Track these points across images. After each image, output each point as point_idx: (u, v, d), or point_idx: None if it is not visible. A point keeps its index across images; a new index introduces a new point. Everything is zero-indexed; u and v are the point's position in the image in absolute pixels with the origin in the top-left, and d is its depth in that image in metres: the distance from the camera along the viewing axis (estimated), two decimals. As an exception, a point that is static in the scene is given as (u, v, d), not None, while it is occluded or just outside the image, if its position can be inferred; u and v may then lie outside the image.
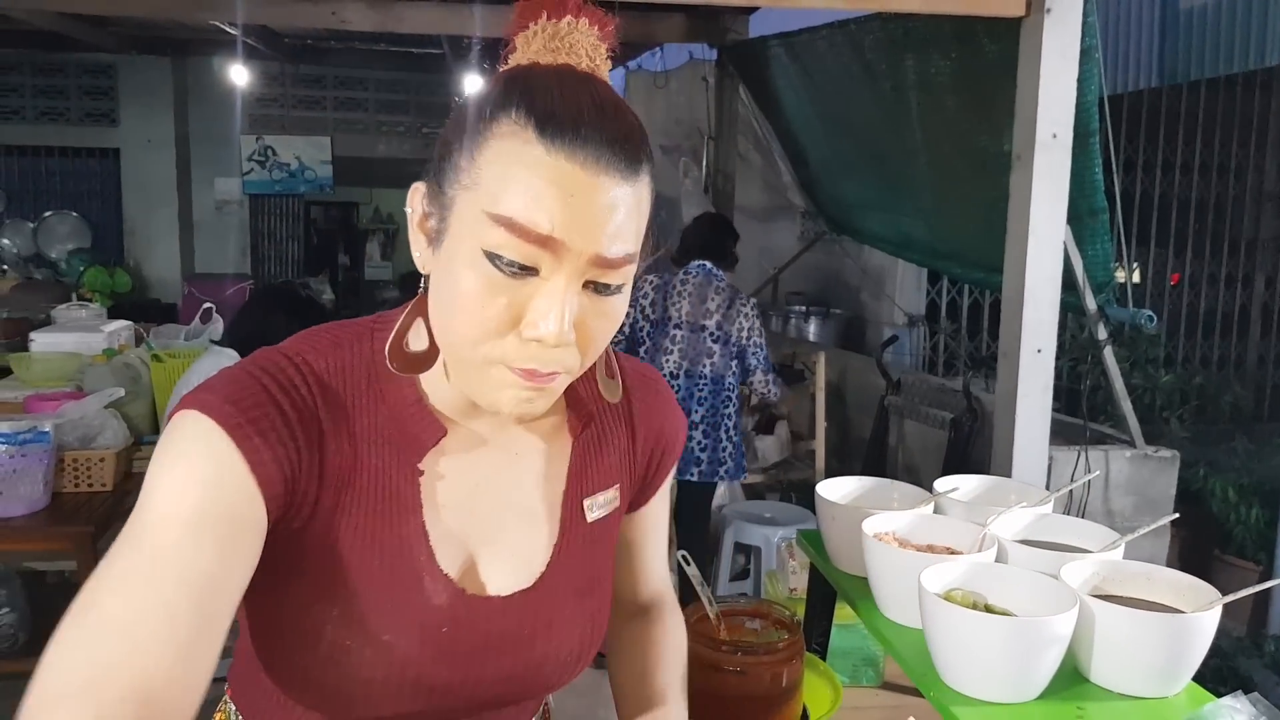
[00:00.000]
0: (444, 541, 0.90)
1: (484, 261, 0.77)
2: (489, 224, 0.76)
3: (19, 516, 2.82)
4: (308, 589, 0.86)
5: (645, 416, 1.05)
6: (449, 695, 0.90)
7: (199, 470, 0.77)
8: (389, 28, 5.14)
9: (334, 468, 0.85)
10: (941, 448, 3.88)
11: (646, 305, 3.77)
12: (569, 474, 0.99)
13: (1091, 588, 1.34)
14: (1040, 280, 2.89)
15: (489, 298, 0.78)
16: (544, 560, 0.96)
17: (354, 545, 0.86)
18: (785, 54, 4.85)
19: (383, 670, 0.86)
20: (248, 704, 0.98)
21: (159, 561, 0.72)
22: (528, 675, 0.94)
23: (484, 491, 0.93)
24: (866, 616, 1.50)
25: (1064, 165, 2.85)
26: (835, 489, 1.68)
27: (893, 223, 4.87)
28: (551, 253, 0.77)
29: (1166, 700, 1.24)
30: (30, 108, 8.66)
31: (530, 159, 0.76)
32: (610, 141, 0.77)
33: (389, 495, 0.88)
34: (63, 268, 8.26)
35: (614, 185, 0.77)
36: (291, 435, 0.82)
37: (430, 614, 0.88)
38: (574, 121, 0.77)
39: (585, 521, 0.99)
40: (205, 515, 0.75)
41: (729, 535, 4.12)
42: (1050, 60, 2.81)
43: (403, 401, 0.89)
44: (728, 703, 1.48)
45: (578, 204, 0.76)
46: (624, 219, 0.78)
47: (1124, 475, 3.28)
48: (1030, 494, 1.66)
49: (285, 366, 0.85)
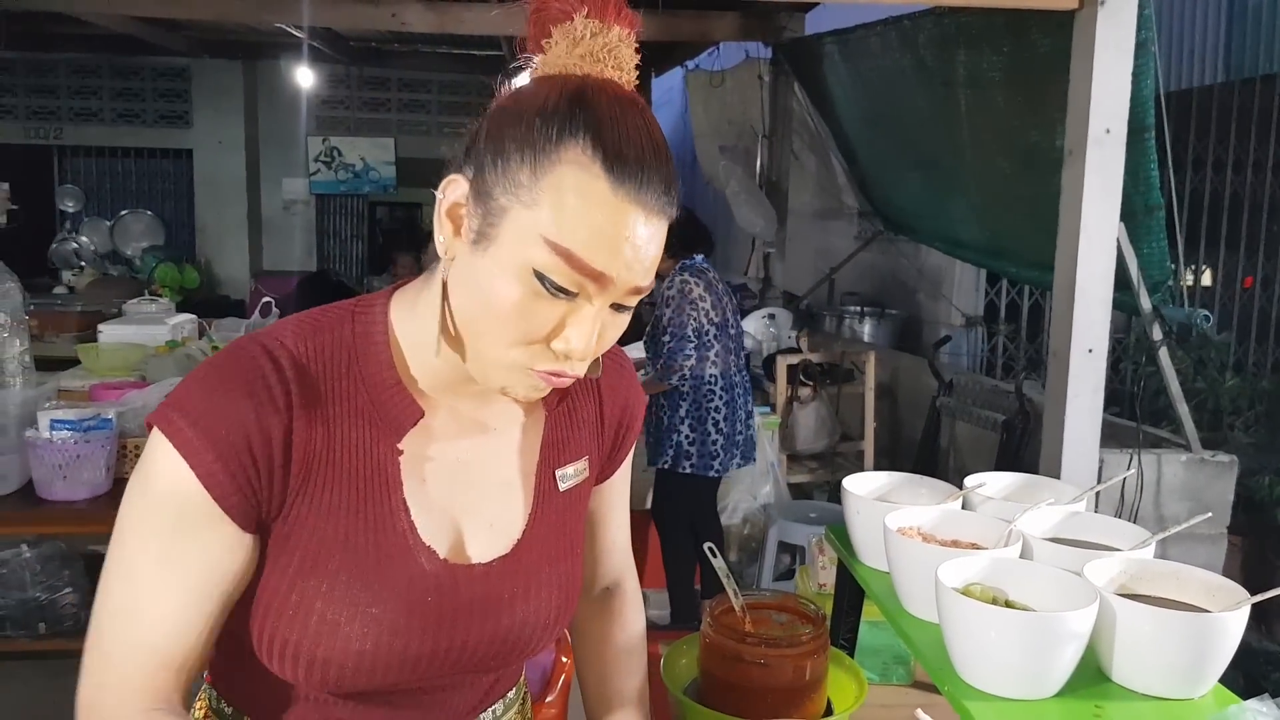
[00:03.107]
0: (426, 514, 0.94)
1: (531, 278, 0.81)
2: (545, 248, 0.80)
3: (82, 500, 2.92)
4: (295, 567, 0.89)
5: (612, 392, 1.10)
6: (436, 662, 0.94)
7: (168, 504, 0.85)
8: (448, 29, 5.21)
9: (305, 455, 0.88)
10: (993, 450, 3.82)
11: (707, 308, 3.79)
12: (542, 445, 1.03)
13: (1118, 586, 1.31)
14: (1092, 278, 2.83)
15: (528, 311, 0.83)
16: (520, 528, 1.00)
17: (338, 523, 0.90)
18: (839, 51, 4.82)
19: (372, 641, 0.89)
20: (229, 688, 1.01)
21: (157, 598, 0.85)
22: (509, 638, 0.98)
23: (463, 465, 0.97)
24: (889, 612, 1.49)
25: (1117, 161, 2.79)
26: (863, 484, 1.67)
27: (947, 221, 4.81)
28: (598, 284, 0.82)
29: (1189, 702, 1.22)
30: (108, 110, 8.95)
31: (597, 196, 0.80)
32: (665, 185, 0.83)
33: (370, 473, 0.91)
34: (137, 264, 8.53)
35: (660, 225, 0.84)
36: (250, 448, 0.85)
37: (415, 585, 0.92)
38: (638, 163, 0.81)
39: (558, 491, 1.03)
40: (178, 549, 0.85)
41: (773, 534, 4.10)
42: (1104, 54, 2.75)
43: (382, 384, 0.92)
44: (751, 694, 1.48)
45: (630, 245, 0.82)
46: (659, 252, 0.85)
47: (1178, 480, 3.19)
48: (1063, 492, 1.63)
49: (261, 362, 0.87)
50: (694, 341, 3.75)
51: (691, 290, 3.77)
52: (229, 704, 1.01)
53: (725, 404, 3.83)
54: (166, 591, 0.85)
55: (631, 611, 1.24)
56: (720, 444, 3.82)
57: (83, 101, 8.92)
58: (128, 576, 0.86)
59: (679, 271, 3.84)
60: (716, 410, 3.81)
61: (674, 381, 3.75)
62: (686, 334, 3.73)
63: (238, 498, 0.85)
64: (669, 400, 3.83)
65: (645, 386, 3.90)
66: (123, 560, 0.86)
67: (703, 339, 3.77)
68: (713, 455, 3.82)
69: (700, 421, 3.80)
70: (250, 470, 0.85)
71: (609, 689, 1.20)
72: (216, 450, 0.83)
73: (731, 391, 3.87)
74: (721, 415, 3.81)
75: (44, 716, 3.08)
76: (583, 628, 1.24)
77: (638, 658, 1.23)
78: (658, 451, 3.88)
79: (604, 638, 1.22)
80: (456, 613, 0.94)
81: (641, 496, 4.12)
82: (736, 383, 3.92)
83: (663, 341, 3.77)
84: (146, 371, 3.58)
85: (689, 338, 3.73)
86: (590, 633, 1.23)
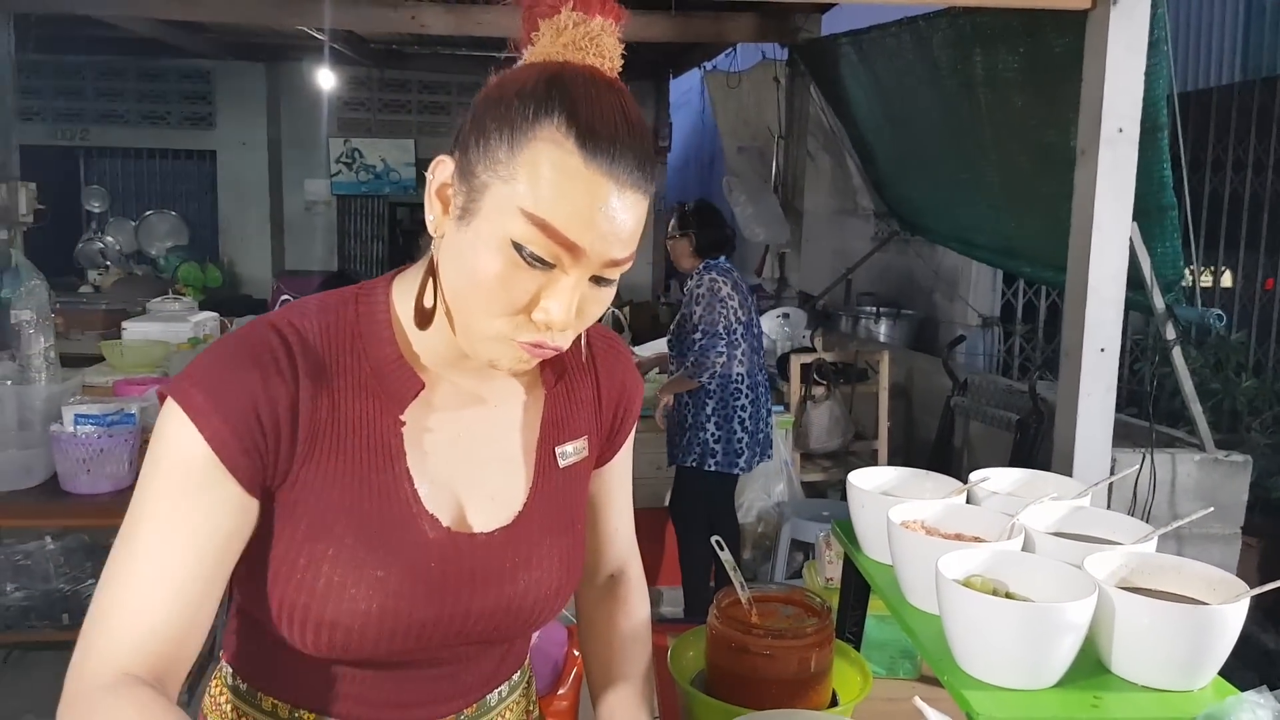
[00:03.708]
0: (429, 484, 0.98)
1: (509, 249, 0.86)
2: (522, 219, 0.85)
3: (105, 494, 2.97)
4: (303, 532, 0.93)
5: (608, 374, 1.14)
6: (440, 628, 0.97)
7: (176, 469, 0.88)
8: (466, 31, 5.26)
9: (311, 424, 0.92)
10: (1007, 449, 3.82)
11: (735, 306, 3.81)
12: (543, 422, 1.06)
13: (1119, 579, 1.32)
14: (1104, 278, 2.84)
15: (509, 282, 0.86)
16: (521, 501, 1.03)
17: (344, 490, 0.94)
18: (854, 52, 4.83)
19: (378, 604, 0.92)
20: (244, 665, 1.05)
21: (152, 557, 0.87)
22: (512, 608, 1.01)
23: (465, 438, 1.01)
24: (893, 604, 1.50)
25: (1130, 160, 2.80)
26: (869, 478, 1.69)
27: (963, 221, 4.81)
28: (573, 255, 0.86)
29: (1188, 694, 1.23)
30: (133, 112, 9.05)
31: (570, 169, 0.84)
32: (638, 160, 0.86)
33: (374, 443, 0.95)
34: (161, 264, 8.62)
35: (636, 199, 0.87)
36: (258, 414, 0.88)
37: (419, 551, 0.95)
38: (611, 138, 0.85)
39: (558, 467, 1.07)
40: (184, 512, 0.87)
41: (786, 532, 4.12)
42: (1116, 53, 2.76)
43: (384, 359, 0.96)
44: (757, 684, 1.51)
45: (604, 216, 0.85)
46: (635, 226, 0.88)
47: (1192, 479, 3.19)
48: (1068, 487, 1.64)
49: (269, 337, 0.92)
50: (725, 339, 3.77)
51: (721, 288, 3.79)
52: (244, 680, 1.05)
53: (751, 402, 3.85)
54: (168, 551, 0.86)
55: (636, 599, 1.26)
56: (745, 442, 3.84)
57: (108, 103, 9.02)
58: (131, 539, 0.88)
59: (705, 270, 3.86)
60: (743, 409, 3.83)
61: (704, 379, 3.77)
62: (718, 331, 3.75)
63: (244, 460, 0.88)
64: (695, 398, 3.85)
65: (673, 384, 3.92)
66: (130, 526, 0.88)
67: (731, 337, 3.79)
68: (737, 454, 3.84)
69: (726, 420, 3.82)
70: (257, 435, 0.89)
71: (613, 673, 1.22)
72: (224, 414, 0.87)
73: (756, 390, 3.90)
74: (747, 414, 3.84)
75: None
76: (588, 614, 1.26)
77: (642, 644, 1.25)
78: (682, 450, 3.90)
79: (609, 624, 1.24)
80: (460, 580, 0.97)
81: (660, 494, 4.14)
82: (759, 381, 3.95)
83: (694, 339, 3.79)
84: (169, 368, 3.65)
85: (720, 335, 3.75)
86: (596, 619, 1.25)
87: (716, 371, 3.77)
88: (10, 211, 5.21)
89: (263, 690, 1.03)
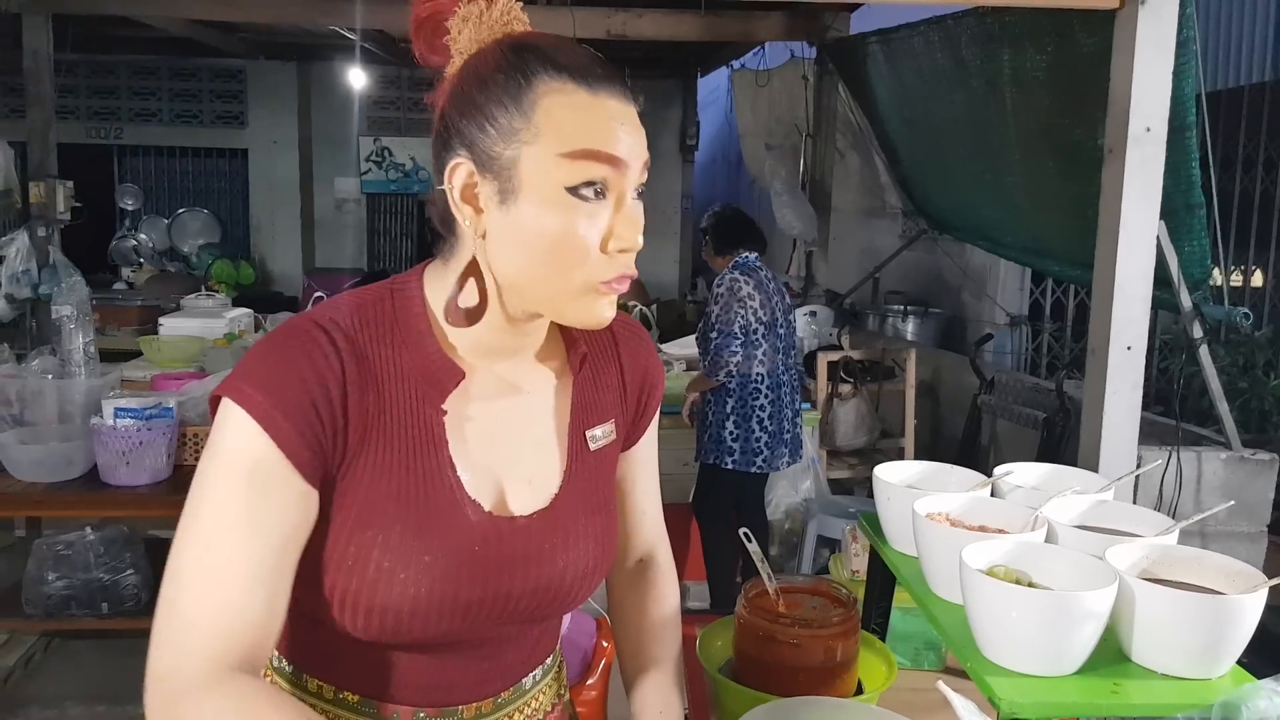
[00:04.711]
0: (470, 470, 1.01)
1: (565, 197, 0.91)
2: (565, 163, 0.91)
3: (144, 485, 3.04)
4: (352, 521, 0.96)
5: (631, 358, 1.17)
6: (484, 609, 1.00)
7: (242, 467, 0.90)
8: (495, 30, 5.30)
9: (361, 416, 0.95)
10: (1034, 447, 3.83)
11: (756, 306, 3.82)
12: (573, 408, 1.10)
13: (1140, 570, 1.34)
14: (1131, 276, 2.84)
15: (577, 229, 0.92)
16: (557, 483, 1.07)
17: (391, 479, 0.97)
18: (883, 51, 4.84)
19: (426, 586, 0.96)
20: (289, 648, 1.07)
21: (233, 554, 0.89)
22: (551, 587, 1.04)
23: (502, 425, 1.04)
24: (918, 594, 1.53)
25: (1157, 160, 2.80)
26: (894, 472, 1.71)
27: (991, 220, 4.81)
28: (618, 172, 0.93)
29: (1206, 682, 1.25)
30: (166, 111, 9.17)
31: (581, 103, 0.92)
32: (619, 78, 0.96)
33: (419, 433, 0.98)
34: (194, 261, 8.74)
35: (634, 108, 0.96)
36: (315, 408, 0.92)
37: (463, 535, 0.99)
38: (593, 68, 0.94)
39: (589, 450, 1.10)
40: (254, 508, 0.89)
41: (812, 528, 4.14)
42: (1144, 52, 2.76)
43: (424, 351, 1.00)
44: (784, 673, 1.54)
45: (627, 129, 0.94)
46: (643, 134, 0.96)
47: (1218, 477, 3.19)
48: (1092, 482, 1.66)
49: (315, 334, 0.94)
50: (740, 339, 3.78)
51: (741, 288, 3.81)
52: (290, 663, 1.08)
53: (771, 402, 3.86)
54: (248, 549, 0.88)
55: (665, 584, 1.29)
56: (765, 441, 3.85)
57: (142, 102, 9.15)
58: (206, 541, 0.89)
59: (731, 269, 3.88)
60: (761, 409, 3.84)
61: (721, 378, 3.79)
62: (733, 331, 3.77)
63: (308, 454, 0.91)
64: (716, 397, 3.87)
65: (695, 384, 3.95)
66: (200, 527, 0.89)
67: (750, 337, 3.80)
68: (755, 452, 3.86)
69: (745, 419, 3.84)
70: (317, 428, 0.92)
71: (643, 657, 1.25)
72: (284, 411, 0.90)
73: (778, 390, 3.91)
74: (766, 414, 3.85)
75: (106, 690, 3.24)
76: (619, 599, 1.30)
77: (672, 630, 1.28)
78: (704, 446, 3.93)
79: (639, 609, 1.27)
80: (502, 562, 1.00)
81: (686, 490, 4.17)
82: (784, 381, 3.94)
83: (710, 338, 3.82)
84: (205, 363, 3.72)
85: (735, 334, 3.77)
86: (626, 604, 1.29)
87: (733, 371, 3.78)
88: (48, 209, 5.31)
89: (309, 673, 1.05)
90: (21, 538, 3.53)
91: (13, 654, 3.31)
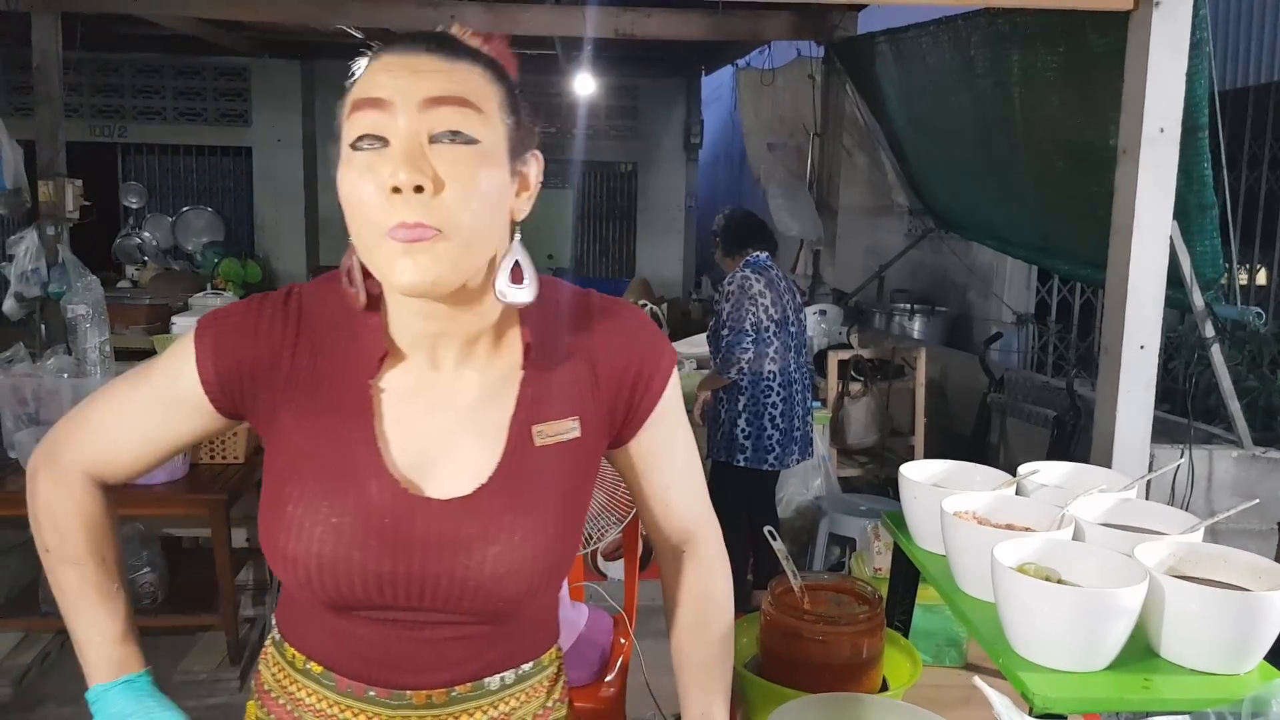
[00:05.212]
0: (393, 446, 1.05)
1: (350, 154, 0.96)
2: (346, 124, 0.97)
3: (159, 484, 3.06)
4: (278, 472, 1.06)
5: (609, 349, 1.13)
6: (399, 585, 1.03)
7: (165, 358, 1.10)
8: (504, 29, 5.31)
9: (295, 376, 1.06)
10: (1044, 445, 3.85)
11: (767, 304, 3.84)
12: (518, 401, 1.08)
13: (1167, 568, 1.37)
14: (1144, 276, 2.86)
15: (360, 180, 0.95)
16: (486, 475, 1.06)
17: (314, 440, 1.05)
18: (891, 51, 4.85)
19: (331, 545, 1.01)
20: (280, 619, 1.17)
21: (124, 407, 1.12)
22: (472, 579, 1.03)
23: (437, 409, 1.07)
24: (945, 591, 1.55)
25: (1171, 160, 2.82)
26: (920, 470, 1.74)
27: (998, 219, 4.83)
28: (387, 114, 0.94)
29: (1234, 677, 1.27)
30: (170, 109, 9.18)
31: (364, 74, 0.98)
32: (428, 39, 0.97)
33: (349, 404, 1.05)
34: (198, 259, 8.74)
35: (431, 59, 0.96)
36: (241, 348, 1.06)
37: (373, 505, 1.02)
38: (396, 36, 0.98)
39: (533, 445, 1.08)
40: (155, 380, 1.10)
41: (824, 526, 4.16)
42: (1158, 54, 2.78)
43: (366, 328, 1.07)
44: (809, 669, 1.56)
45: (397, 73, 0.96)
46: (444, 76, 0.96)
47: (1230, 475, 3.21)
48: (1115, 481, 1.68)
49: (280, 297, 1.09)
50: (751, 336, 3.80)
51: (752, 286, 3.83)
52: (279, 632, 1.15)
53: (782, 400, 3.88)
54: (139, 409, 1.10)
55: (705, 578, 1.25)
56: (776, 439, 3.87)
57: (146, 100, 9.15)
58: (114, 387, 1.12)
59: (742, 268, 3.90)
60: (773, 406, 3.86)
61: (733, 375, 3.81)
62: (744, 328, 3.79)
63: (217, 382, 1.06)
64: (729, 394, 3.90)
65: (707, 382, 3.97)
66: (119, 380, 1.13)
67: (761, 334, 3.82)
68: (767, 450, 3.88)
69: (757, 416, 3.86)
70: (240, 371, 1.06)
71: (683, 655, 1.25)
72: (217, 346, 1.06)
73: (790, 388, 3.93)
74: (778, 411, 3.87)
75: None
76: (665, 591, 1.28)
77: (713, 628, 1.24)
78: (716, 444, 3.95)
79: (676, 603, 1.26)
80: (412, 541, 1.02)
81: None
82: (795, 379, 3.96)
83: (722, 336, 3.84)
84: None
85: (746, 332, 3.79)
86: (670, 597, 1.27)
87: (744, 369, 3.80)
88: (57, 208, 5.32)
89: (289, 642, 1.13)
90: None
91: (29, 652, 3.32)
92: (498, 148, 0.98)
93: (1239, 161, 5.38)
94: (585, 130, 9.32)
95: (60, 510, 1.13)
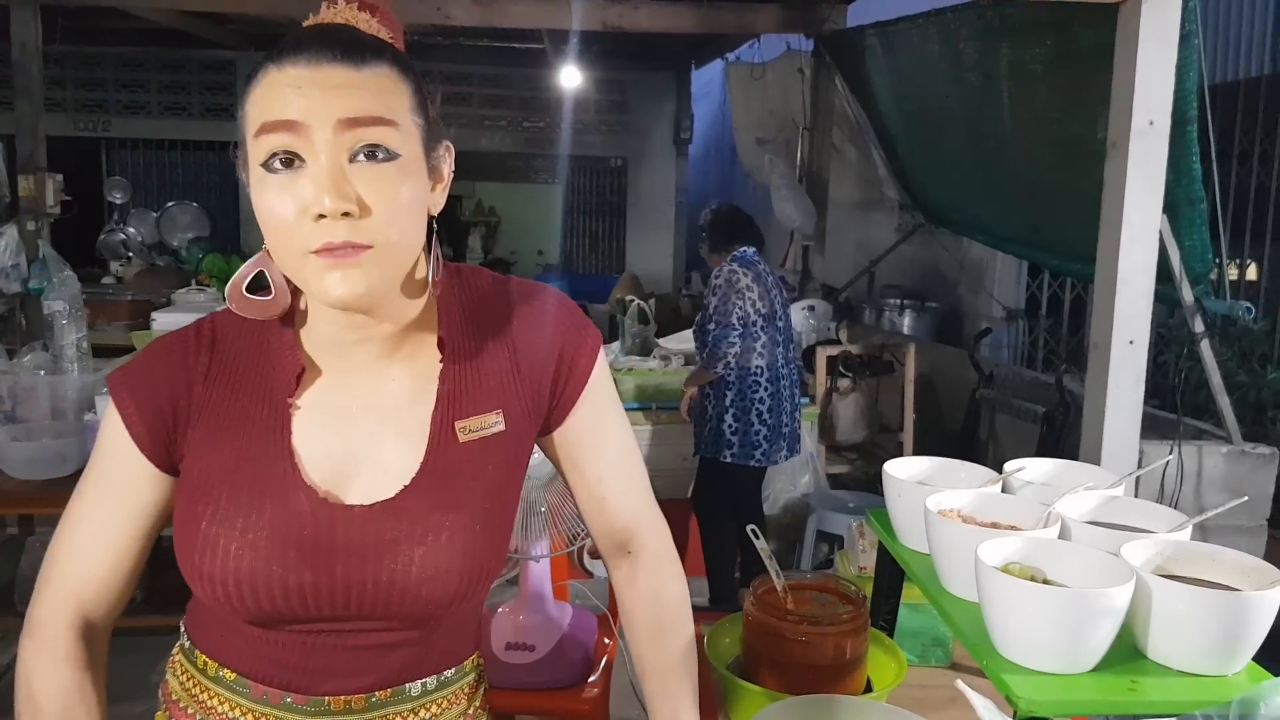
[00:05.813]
0: (314, 458, 1.03)
1: (263, 174, 0.93)
2: (254, 143, 0.93)
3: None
4: (190, 491, 1.03)
5: (529, 338, 1.10)
6: (323, 595, 1.00)
7: (104, 446, 1.06)
8: (493, 22, 5.29)
9: (209, 404, 1.04)
10: (1033, 441, 3.83)
11: (754, 298, 3.81)
12: (438, 397, 1.06)
13: (1154, 567, 1.34)
14: (1133, 270, 2.84)
15: (277, 200, 0.92)
16: (410, 475, 1.04)
17: (228, 459, 1.03)
18: (881, 44, 4.83)
19: (248, 562, 0.98)
20: (189, 626, 1.13)
21: (88, 521, 1.07)
22: (398, 581, 1.01)
23: (356, 414, 1.05)
24: (930, 591, 1.52)
25: (1160, 154, 2.80)
26: (904, 467, 1.70)
27: (988, 214, 4.82)
28: (301, 137, 0.91)
29: (1222, 679, 1.24)
30: (155, 103, 9.11)
31: (268, 82, 0.93)
32: (332, 45, 0.93)
33: (263, 420, 1.04)
34: (183, 255, 8.66)
35: (340, 71, 0.92)
36: (164, 400, 1.04)
37: (292, 519, 1.00)
38: (295, 45, 0.93)
39: (456, 442, 1.05)
40: (106, 479, 1.06)
41: (811, 523, 4.14)
42: (1147, 46, 2.75)
43: (281, 345, 1.06)
44: (793, 670, 1.53)
45: (307, 91, 0.91)
46: (357, 91, 0.92)
47: (1219, 471, 3.20)
48: (1103, 478, 1.66)
49: (188, 333, 1.07)
50: (738, 330, 3.77)
51: (739, 280, 3.80)
52: (189, 639, 1.12)
53: (770, 395, 3.86)
54: (96, 513, 1.06)
55: (655, 576, 1.21)
56: (764, 435, 3.84)
57: (130, 94, 9.09)
58: (74, 509, 1.07)
59: (729, 262, 3.88)
60: (761, 401, 3.84)
61: (719, 370, 3.78)
62: (731, 322, 3.76)
63: (149, 438, 1.04)
64: (715, 390, 3.86)
65: (693, 377, 3.94)
66: (74, 498, 1.07)
67: (748, 329, 3.79)
68: (754, 445, 3.85)
69: (744, 412, 3.83)
70: (166, 415, 1.04)
71: (644, 660, 1.21)
72: (137, 402, 1.04)
73: (777, 384, 3.90)
74: (766, 406, 3.84)
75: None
76: (617, 594, 1.24)
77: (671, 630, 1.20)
78: (703, 440, 3.92)
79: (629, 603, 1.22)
80: (334, 549, 1.00)
81: (685, 485, 4.16)
82: (783, 375, 3.94)
83: (708, 330, 3.81)
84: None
85: (734, 326, 3.76)
86: (620, 599, 1.23)
87: (731, 363, 3.77)
88: (38, 203, 5.27)
89: (200, 648, 1.10)
90: (14, 535, 3.50)
91: (6, 652, 3.28)
92: (415, 156, 0.97)
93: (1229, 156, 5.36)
94: (574, 125, 9.28)
95: (37, 686, 1.07)
